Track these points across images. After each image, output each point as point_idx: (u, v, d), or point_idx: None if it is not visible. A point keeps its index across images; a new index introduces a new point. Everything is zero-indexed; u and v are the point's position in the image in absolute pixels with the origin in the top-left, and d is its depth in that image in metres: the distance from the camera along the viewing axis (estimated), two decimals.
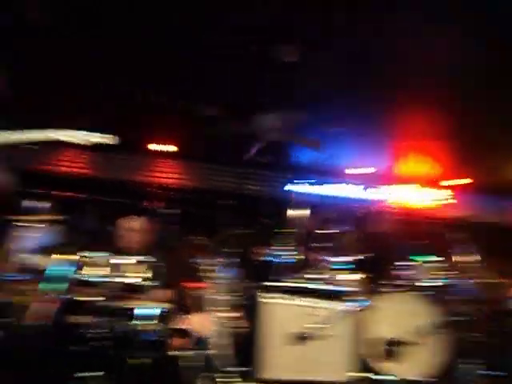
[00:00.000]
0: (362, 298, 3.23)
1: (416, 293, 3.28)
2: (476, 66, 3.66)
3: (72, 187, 5.56)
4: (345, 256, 3.72)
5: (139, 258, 3.05)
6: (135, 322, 2.74)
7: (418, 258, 3.74)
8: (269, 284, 3.09)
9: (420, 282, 3.44)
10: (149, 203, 3.92)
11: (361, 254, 3.71)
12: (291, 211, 4.05)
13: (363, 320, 3.06)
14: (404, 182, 6.61)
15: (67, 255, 2.88)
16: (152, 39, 3.73)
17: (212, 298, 2.87)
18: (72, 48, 3.84)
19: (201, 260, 3.02)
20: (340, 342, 2.93)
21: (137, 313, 2.78)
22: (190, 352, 2.76)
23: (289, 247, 3.90)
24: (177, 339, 3.20)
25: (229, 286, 3.32)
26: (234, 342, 2.88)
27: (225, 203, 3.80)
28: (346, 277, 3.49)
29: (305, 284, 3.20)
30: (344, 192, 6.63)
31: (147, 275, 2.98)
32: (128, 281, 2.94)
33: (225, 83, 4.21)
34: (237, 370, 2.55)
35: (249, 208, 5.46)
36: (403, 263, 3.63)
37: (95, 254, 2.99)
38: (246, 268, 3.79)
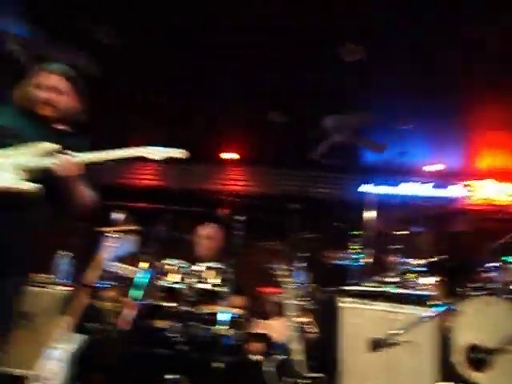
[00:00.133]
0: (443, 302, 3.08)
1: (502, 296, 3.06)
2: None
3: (148, 198, 5.88)
4: (421, 258, 3.56)
5: (214, 264, 3.15)
6: (214, 327, 2.83)
7: (504, 258, 3.49)
8: (345, 288, 3.03)
9: (505, 284, 3.20)
10: (221, 211, 4.02)
11: (438, 256, 3.53)
12: (363, 213, 3.95)
13: (446, 325, 2.90)
14: (482, 177, 6.21)
15: (148, 263, 3.03)
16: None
17: (287, 302, 2.87)
18: (143, 64, 4.07)
19: (274, 265, 3.04)
20: (423, 349, 2.80)
21: (215, 318, 2.87)
22: (268, 357, 2.79)
23: (362, 250, 3.81)
24: (254, 344, 3.25)
25: (302, 290, 3.31)
26: (310, 348, 2.87)
27: (295, 207, 3.80)
28: (425, 280, 3.34)
29: (382, 288, 3.10)
30: (418, 191, 6.35)
31: (223, 281, 3.07)
32: (205, 287, 3.05)
33: (290, 86, 4.23)
34: (313, 376, 2.52)
35: (319, 211, 5.41)
36: (486, 264, 3.40)
37: (174, 262, 3.13)
38: (318, 272, 3.76)
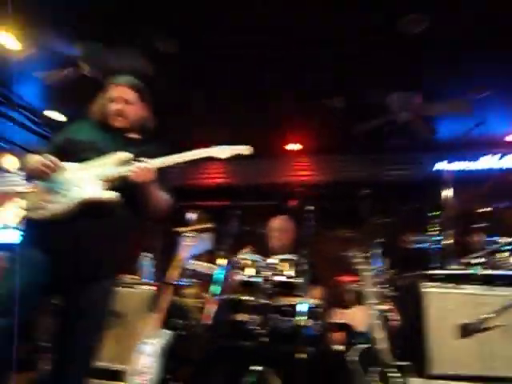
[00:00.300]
0: None
1: None
2: None
3: (218, 196, 6.03)
4: (510, 235, 3.30)
5: (288, 256, 3.16)
6: (294, 318, 2.84)
7: None
8: (427, 272, 2.89)
9: None
10: (291, 202, 4.02)
11: None
12: (441, 192, 3.73)
13: None
14: None
15: (224, 259, 3.11)
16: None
17: (366, 290, 2.80)
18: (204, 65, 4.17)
19: (350, 253, 2.98)
20: None
21: (294, 309, 2.88)
22: (350, 346, 2.75)
23: (442, 231, 3.61)
24: (336, 334, 3.22)
25: (381, 277, 3.21)
26: (393, 336, 2.78)
27: (365, 193, 3.68)
28: None
29: (469, 270, 2.91)
30: (499, 163, 5.87)
31: (298, 273, 3.06)
32: (281, 279, 3.06)
33: (350, 68, 4.10)
34: (399, 364, 2.44)
35: (392, 194, 5.21)
36: None
37: (249, 256, 3.18)
38: (396, 257, 3.63)
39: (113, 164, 1.91)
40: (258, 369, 2.58)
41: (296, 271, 3.08)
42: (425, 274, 2.94)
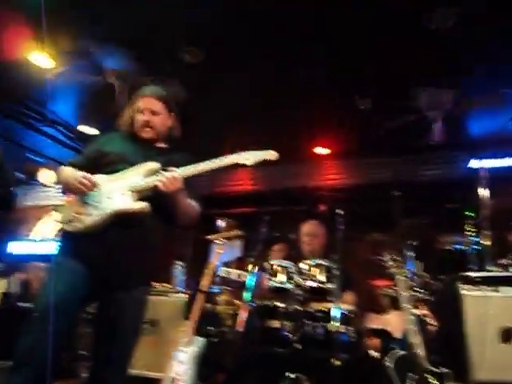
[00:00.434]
0: None
1: None
2: None
3: (247, 202, 6.05)
4: None
5: (320, 261, 3.12)
6: (327, 324, 2.79)
7: None
8: (465, 274, 2.79)
9: None
10: (321, 207, 3.98)
11: None
12: (478, 190, 3.59)
13: None
14: None
15: (255, 265, 3.10)
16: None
17: (401, 294, 2.72)
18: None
19: (383, 257, 2.91)
20: None
21: (327, 315, 2.83)
22: (386, 352, 2.68)
23: (480, 231, 3.48)
24: (371, 340, 3.15)
25: (416, 280, 3.13)
26: (431, 341, 2.69)
27: (396, 194, 3.60)
28: None
29: (508, 272, 2.79)
30: None
31: (330, 278, 3.02)
32: (313, 284, 3.03)
33: (377, 69, 4.02)
34: (438, 371, 2.35)
35: (425, 195, 5.07)
36: None
37: (280, 262, 3.16)
38: (432, 260, 3.52)
39: (142, 174, 1.95)
40: (291, 376, 2.55)
41: (328, 276, 3.04)
42: (463, 276, 2.84)
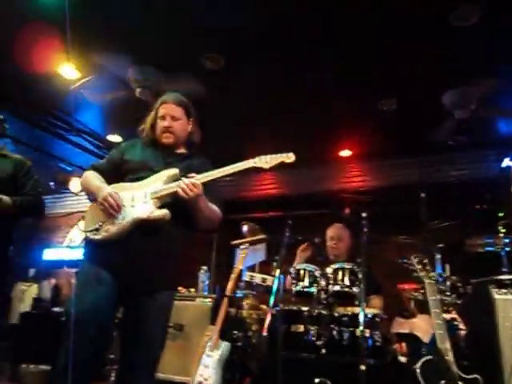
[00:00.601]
0: None
1: None
2: None
3: (272, 207, 6.03)
4: None
5: (346, 265, 3.08)
6: (353, 329, 2.75)
7: None
8: (498, 278, 2.69)
9: None
10: (345, 210, 3.94)
11: None
12: (510, 190, 3.46)
13: None
14: None
15: (280, 269, 3.09)
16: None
17: (429, 298, 2.66)
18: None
19: (410, 260, 2.85)
20: None
21: (352, 319, 2.79)
22: (414, 357, 2.61)
23: None
24: (398, 344, 3.08)
25: (445, 284, 3.04)
26: (460, 346, 2.61)
27: (422, 196, 3.52)
28: None
29: None
30: None
31: (356, 281, 2.98)
32: (338, 289, 2.99)
33: (401, 69, 3.96)
34: (467, 377, 2.28)
35: (454, 196, 4.93)
36: None
37: (305, 266, 3.14)
38: (461, 263, 3.43)
39: (162, 181, 1.97)
40: (316, 380, 2.53)
41: (353, 280, 3.00)
42: (496, 279, 2.74)
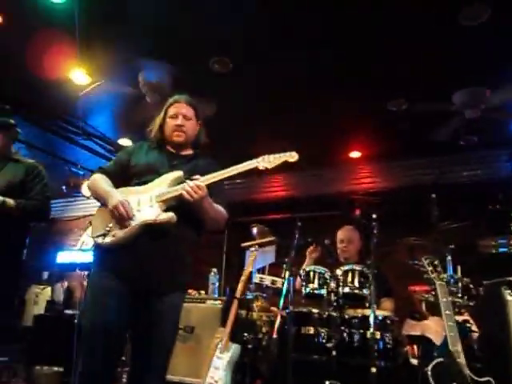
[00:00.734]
0: None
1: None
2: None
3: (282, 209, 6.02)
4: None
5: (356, 266, 3.06)
6: (364, 331, 2.73)
7: None
8: (511, 279, 2.65)
9: None
10: (355, 211, 3.92)
11: None
12: None
13: None
14: None
15: (290, 271, 3.09)
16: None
17: (441, 300, 2.63)
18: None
19: (421, 261, 2.82)
20: None
21: (363, 321, 2.78)
22: (426, 359, 2.58)
23: None
24: (410, 346, 3.05)
25: (456, 286, 3.01)
26: (473, 349, 2.57)
27: (432, 197, 3.49)
28: None
29: None
30: None
31: (366, 283, 2.96)
32: (348, 291, 2.98)
33: (409, 69, 3.93)
34: (480, 380, 2.25)
35: (464, 197, 4.88)
36: None
37: (315, 268, 3.13)
38: (473, 264, 3.38)
39: (167, 184, 1.97)
40: (327, 383, 2.52)
41: (363, 282, 2.98)
42: (508, 280, 2.70)
